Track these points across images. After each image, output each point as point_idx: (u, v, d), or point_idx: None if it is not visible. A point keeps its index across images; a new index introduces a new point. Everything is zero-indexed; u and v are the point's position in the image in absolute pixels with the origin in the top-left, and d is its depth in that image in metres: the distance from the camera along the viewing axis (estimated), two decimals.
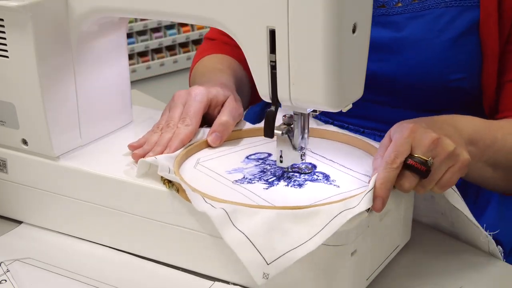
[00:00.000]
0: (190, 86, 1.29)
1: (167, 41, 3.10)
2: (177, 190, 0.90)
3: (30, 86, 0.97)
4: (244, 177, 0.94)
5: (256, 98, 1.01)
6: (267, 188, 0.92)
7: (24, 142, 1.02)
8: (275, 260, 0.80)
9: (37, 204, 1.04)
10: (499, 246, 1.00)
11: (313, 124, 1.09)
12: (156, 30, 3.07)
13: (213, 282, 0.92)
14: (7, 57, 0.98)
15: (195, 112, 1.00)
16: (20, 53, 0.96)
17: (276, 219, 0.82)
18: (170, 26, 3.12)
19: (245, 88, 1.22)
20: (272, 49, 0.86)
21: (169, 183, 0.91)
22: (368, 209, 0.84)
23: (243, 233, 0.81)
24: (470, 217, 0.96)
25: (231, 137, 1.04)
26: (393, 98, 1.17)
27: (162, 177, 0.92)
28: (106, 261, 0.97)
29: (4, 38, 0.97)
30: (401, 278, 0.93)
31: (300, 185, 0.92)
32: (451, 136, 0.90)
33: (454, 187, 0.94)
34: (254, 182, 0.93)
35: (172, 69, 3.12)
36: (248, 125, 1.07)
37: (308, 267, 0.85)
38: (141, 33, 3.03)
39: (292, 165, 0.95)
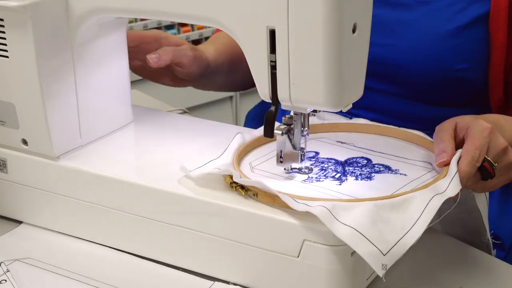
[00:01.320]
0: None
1: None
2: (256, 195, 0.88)
3: (30, 86, 0.97)
4: (309, 177, 0.94)
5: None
6: (340, 184, 0.92)
7: (24, 142, 1.02)
8: (389, 250, 0.80)
9: (37, 204, 1.04)
10: (495, 249, 1.02)
11: (342, 119, 1.10)
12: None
13: (213, 282, 0.92)
14: (7, 57, 0.98)
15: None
16: (20, 53, 0.96)
17: (375, 210, 0.82)
18: (170, 26, 3.11)
19: (241, 67, 1.21)
20: (272, 49, 0.86)
21: (242, 189, 0.89)
22: None
23: (352, 227, 0.81)
24: (484, 219, 1.00)
25: (272, 139, 1.03)
26: (396, 86, 1.17)
27: (232, 183, 0.90)
28: (106, 261, 0.97)
29: (4, 38, 0.97)
30: (401, 278, 0.93)
31: (369, 178, 0.93)
32: None
33: None
34: (323, 180, 0.93)
35: None
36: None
37: (309, 267, 0.85)
38: None
39: (291, 165, 0.95)
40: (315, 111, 0.93)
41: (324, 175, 0.94)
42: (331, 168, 0.96)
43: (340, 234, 0.81)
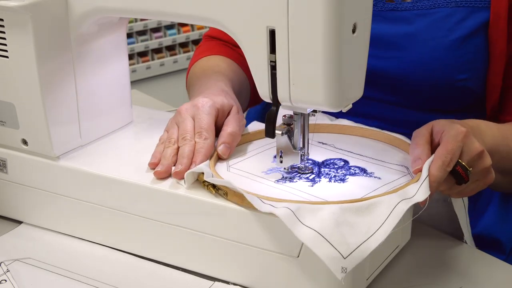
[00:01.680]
0: (187, 88, 1.29)
1: (167, 41, 3.10)
2: (226, 194, 0.89)
3: (30, 86, 0.97)
4: (283, 177, 0.94)
5: (257, 99, 1.00)
6: (312, 186, 0.92)
7: (24, 142, 1.02)
8: (350, 253, 0.80)
9: (37, 204, 1.04)
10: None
11: (326, 120, 1.10)
12: (156, 30, 3.07)
13: (213, 282, 0.92)
14: (7, 57, 0.98)
15: (208, 125, 0.98)
16: (20, 53, 0.96)
17: (340, 213, 0.83)
18: (170, 26, 3.12)
19: (245, 89, 1.21)
20: (272, 49, 0.86)
21: (213, 188, 0.90)
22: None
23: (314, 230, 0.81)
24: (462, 224, 1.00)
25: (251, 138, 1.04)
26: (398, 96, 1.17)
27: (204, 182, 0.91)
28: (106, 261, 0.97)
29: (4, 38, 0.97)
30: (401, 278, 0.94)
31: (342, 180, 0.93)
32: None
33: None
34: (296, 181, 0.93)
35: (172, 69, 3.12)
36: (262, 125, 1.06)
37: (309, 267, 0.85)
38: (141, 33, 3.03)
39: (292, 165, 0.95)
40: (315, 111, 0.93)
41: (299, 176, 0.94)
42: (307, 169, 0.96)
43: (302, 237, 0.81)
